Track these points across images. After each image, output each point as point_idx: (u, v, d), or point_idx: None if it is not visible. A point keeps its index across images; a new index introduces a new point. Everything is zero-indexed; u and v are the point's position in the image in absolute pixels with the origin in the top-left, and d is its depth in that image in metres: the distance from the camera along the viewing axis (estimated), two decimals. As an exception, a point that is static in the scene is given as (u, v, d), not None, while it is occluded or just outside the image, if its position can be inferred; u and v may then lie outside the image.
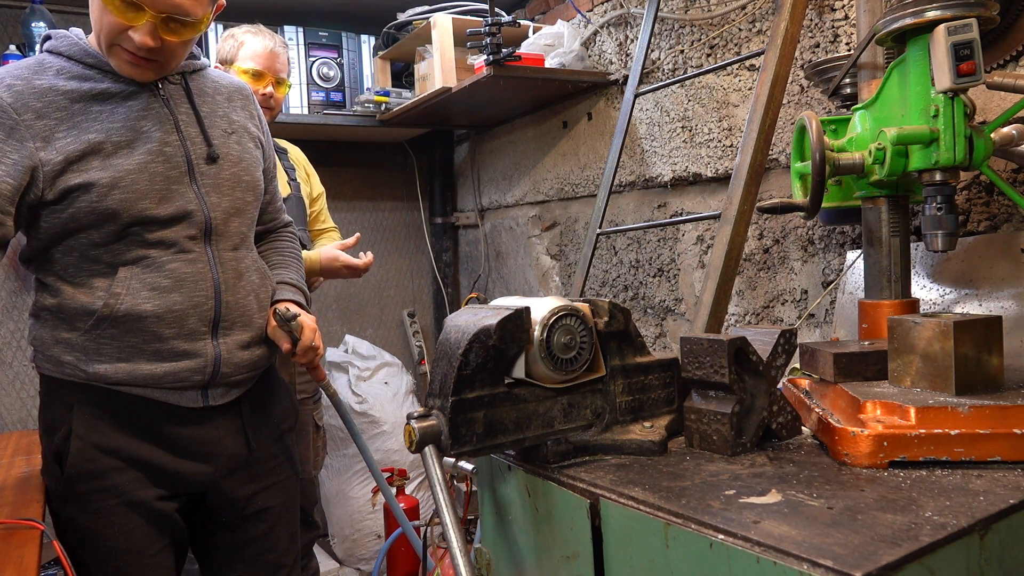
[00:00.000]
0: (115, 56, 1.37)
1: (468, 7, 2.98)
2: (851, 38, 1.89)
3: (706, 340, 1.10)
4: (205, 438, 1.47)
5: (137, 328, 1.37)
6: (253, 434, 1.54)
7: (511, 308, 1.04)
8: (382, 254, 3.84)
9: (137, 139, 1.38)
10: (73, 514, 1.39)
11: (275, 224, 1.73)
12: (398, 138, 3.71)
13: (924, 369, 1.08)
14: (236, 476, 1.53)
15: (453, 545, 0.96)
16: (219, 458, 1.49)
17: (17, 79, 1.34)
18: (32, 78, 1.35)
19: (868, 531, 0.78)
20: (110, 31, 1.33)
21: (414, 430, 1.00)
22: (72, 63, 1.39)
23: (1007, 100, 1.54)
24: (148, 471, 1.42)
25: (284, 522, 1.62)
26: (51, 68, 1.38)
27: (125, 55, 1.36)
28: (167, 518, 1.46)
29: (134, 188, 1.36)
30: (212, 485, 1.51)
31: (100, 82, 1.39)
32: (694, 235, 2.43)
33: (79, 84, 1.37)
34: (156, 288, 1.38)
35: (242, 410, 1.52)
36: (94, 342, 1.37)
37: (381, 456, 3.13)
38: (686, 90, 2.39)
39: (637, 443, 1.12)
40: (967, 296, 1.53)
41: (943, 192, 1.24)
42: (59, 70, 1.37)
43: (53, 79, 1.36)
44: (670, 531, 0.86)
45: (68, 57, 1.39)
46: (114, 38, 1.34)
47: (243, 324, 1.49)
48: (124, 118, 1.38)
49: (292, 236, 1.76)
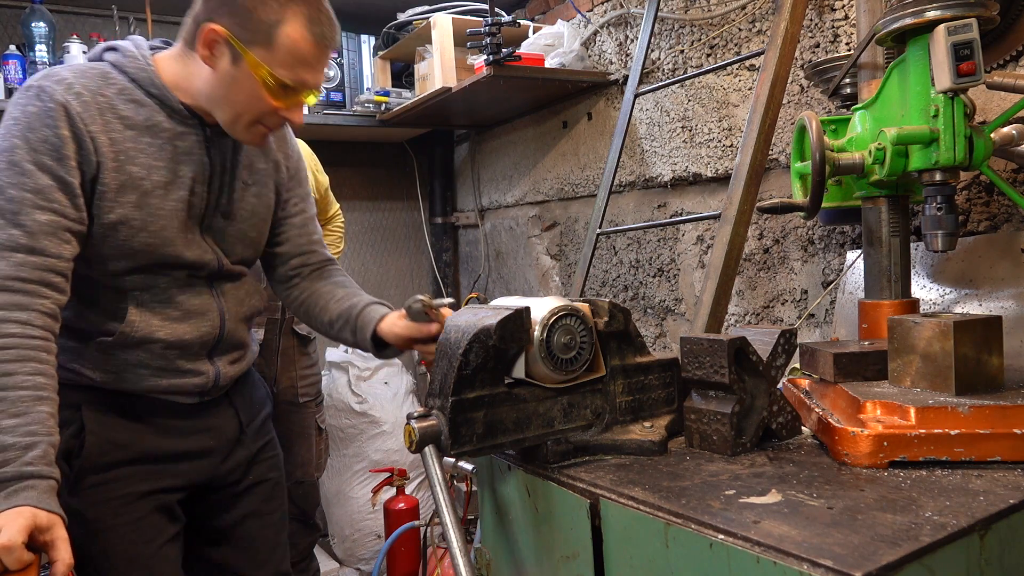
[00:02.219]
0: (251, 131, 1.36)
1: (468, 7, 2.98)
2: (851, 38, 1.89)
3: (706, 340, 1.10)
4: (205, 426, 1.51)
5: (146, 348, 1.40)
6: (244, 417, 1.59)
7: (511, 308, 1.04)
8: (382, 254, 3.84)
9: (173, 182, 1.36)
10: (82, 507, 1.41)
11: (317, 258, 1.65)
12: (398, 138, 3.71)
13: (924, 369, 1.08)
14: (233, 457, 1.57)
15: (453, 545, 0.96)
16: (218, 442, 1.53)
17: (85, 89, 1.28)
18: (98, 91, 1.30)
19: (868, 531, 0.78)
20: (262, 114, 1.32)
21: (414, 430, 1.00)
22: (135, 86, 1.34)
23: (1007, 100, 1.54)
24: (155, 463, 1.45)
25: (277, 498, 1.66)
26: (115, 85, 1.33)
27: (262, 130, 1.36)
28: (172, 510, 1.49)
29: (162, 234, 1.35)
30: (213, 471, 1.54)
31: (156, 114, 1.35)
32: (694, 235, 2.43)
33: (136, 111, 1.33)
34: (168, 318, 1.41)
35: (232, 399, 1.57)
36: (103, 353, 1.39)
37: (381, 456, 3.13)
38: (686, 90, 2.39)
39: (637, 443, 1.12)
40: (967, 296, 1.53)
41: (943, 192, 1.24)
42: (121, 89, 1.33)
43: (115, 98, 1.31)
44: (670, 531, 0.86)
45: (133, 79, 1.34)
46: (259, 117, 1.33)
47: (236, 345, 1.54)
48: (168, 159, 1.35)
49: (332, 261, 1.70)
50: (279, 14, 1.26)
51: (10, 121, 1.25)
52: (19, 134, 1.23)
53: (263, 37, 1.26)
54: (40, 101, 1.25)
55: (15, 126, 1.24)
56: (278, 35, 1.26)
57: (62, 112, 1.24)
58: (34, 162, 1.23)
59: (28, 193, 1.22)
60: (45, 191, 1.23)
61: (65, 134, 1.24)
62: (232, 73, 1.29)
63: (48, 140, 1.24)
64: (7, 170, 1.22)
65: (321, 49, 1.31)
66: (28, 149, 1.23)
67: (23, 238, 1.21)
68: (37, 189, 1.22)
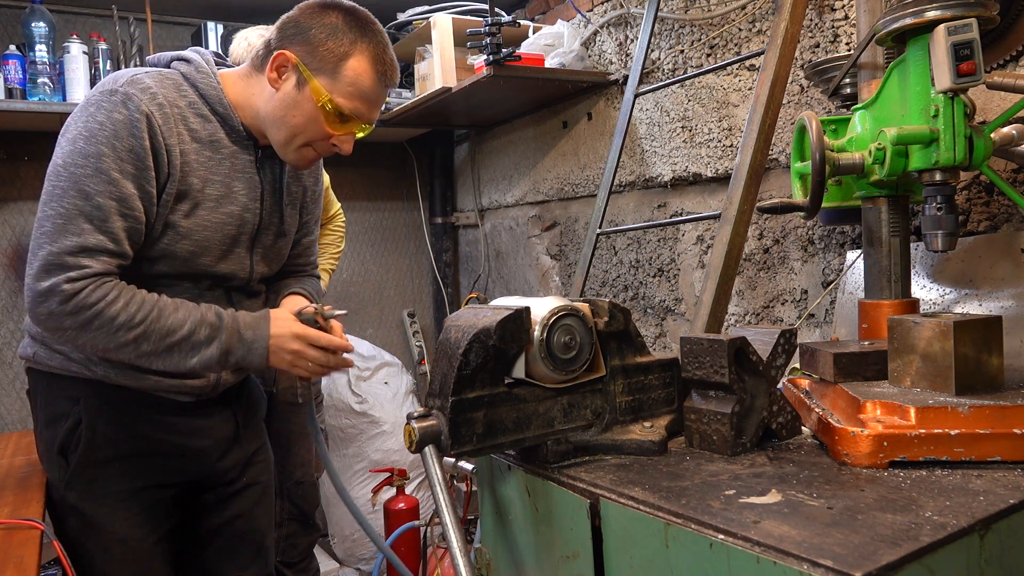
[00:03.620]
0: (299, 153, 1.42)
1: (468, 7, 2.99)
2: (851, 38, 1.89)
3: (706, 340, 1.10)
4: (202, 425, 1.52)
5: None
6: (241, 418, 1.61)
7: (511, 308, 1.04)
8: (382, 254, 3.84)
9: (226, 196, 1.42)
10: (78, 502, 1.42)
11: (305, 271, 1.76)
12: (398, 138, 3.71)
13: (924, 369, 1.08)
14: (228, 457, 1.59)
15: (453, 545, 0.96)
16: (214, 441, 1.55)
17: (166, 100, 1.34)
18: (174, 102, 1.36)
19: (868, 531, 0.78)
20: (313, 137, 1.39)
21: (414, 430, 1.00)
22: (203, 101, 1.41)
23: (1007, 100, 1.54)
24: (150, 459, 1.47)
25: (265, 502, 1.69)
26: (186, 97, 1.39)
27: (312, 154, 1.43)
28: (166, 506, 1.50)
29: (203, 245, 1.40)
30: (208, 469, 1.55)
31: (218, 131, 1.41)
32: (694, 235, 2.43)
33: (203, 125, 1.39)
34: None
35: (230, 400, 1.59)
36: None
37: (381, 456, 3.13)
38: (686, 90, 2.39)
39: (637, 443, 1.12)
40: (967, 296, 1.53)
41: (943, 192, 1.24)
42: (191, 103, 1.39)
43: (186, 110, 1.38)
44: (670, 531, 0.86)
45: (202, 94, 1.40)
46: (311, 141, 1.40)
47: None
48: (224, 174, 1.42)
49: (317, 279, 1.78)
50: (348, 48, 1.35)
51: (95, 125, 1.28)
52: (106, 141, 1.28)
53: (330, 67, 1.35)
54: (127, 109, 1.29)
55: (101, 131, 1.28)
56: (344, 67, 1.35)
57: (146, 123, 1.30)
58: (120, 171, 1.28)
59: (113, 201, 1.27)
60: (128, 200, 1.29)
61: (147, 145, 1.30)
62: (295, 96, 1.36)
63: (134, 150, 1.29)
64: (94, 176, 1.27)
65: (381, 87, 1.40)
66: (115, 158, 1.28)
67: (110, 243, 1.28)
68: (121, 197, 1.28)
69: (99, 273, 1.27)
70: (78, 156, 1.27)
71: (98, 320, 1.25)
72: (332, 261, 2.71)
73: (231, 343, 1.35)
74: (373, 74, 1.37)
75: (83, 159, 1.26)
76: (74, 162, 1.27)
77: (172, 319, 1.31)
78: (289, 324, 1.42)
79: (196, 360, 1.33)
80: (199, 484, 1.57)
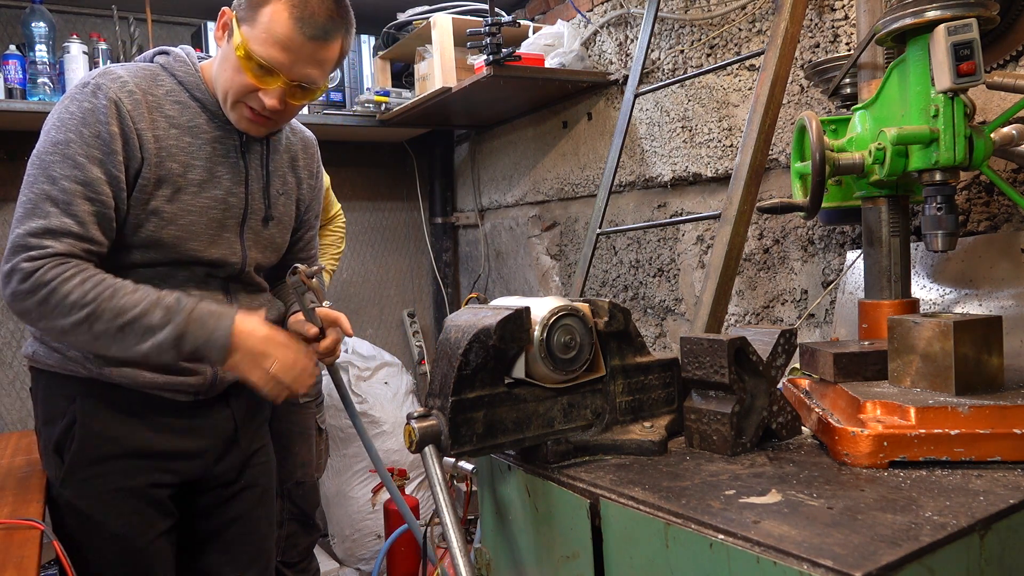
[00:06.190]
0: (236, 111, 1.41)
1: (468, 7, 2.98)
2: (851, 38, 1.89)
3: (706, 340, 1.10)
4: (199, 425, 1.52)
5: None
6: (240, 419, 1.59)
7: (511, 308, 1.04)
8: (382, 254, 3.84)
9: (208, 181, 1.43)
10: (73, 500, 1.42)
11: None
12: (398, 138, 3.71)
13: (924, 369, 1.08)
14: (226, 459, 1.58)
15: (453, 545, 0.96)
16: (212, 442, 1.54)
17: (138, 88, 1.36)
18: (148, 91, 1.37)
19: (868, 531, 0.78)
20: (240, 91, 1.37)
21: (414, 430, 1.00)
22: (181, 88, 1.42)
23: (1007, 100, 1.54)
24: (147, 459, 1.46)
25: (265, 506, 1.68)
26: (163, 86, 1.41)
27: (247, 112, 1.40)
28: (163, 505, 1.50)
29: (190, 229, 1.41)
30: (206, 470, 1.55)
31: (198, 117, 1.42)
32: (694, 235, 2.43)
33: (181, 111, 1.41)
34: None
35: (229, 400, 1.58)
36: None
37: (381, 456, 3.13)
38: (686, 90, 2.39)
39: (637, 443, 1.12)
40: (967, 296, 1.53)
41: (943, 192, 1.24)
42: (169, 91, 1.41)
43: (163, 98, 1.39)
44: (670, 531, 0.86)
45: (180, 82, 1.42)
46: (242, 97, 1.38)
47: None
48: (205, 158, 1.42)
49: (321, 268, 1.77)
50: None
51: (67, 115, 1.32)
52: (74, 128, 1.31)
53: (251, 15, 1.33)
54: (95, 98, 1.32)
55: (71, 120, 1.31)
56: (260, 12, 1.32)
57: (114, 109, 1.32)
58: (86, 156, 1.30)
59: (79, 185, 1.29)
60: (94, 184, 1.30)
61: (115, 130, 1.31)
62: (227, 50, 1.37)
63: (100, 135, 1.31)
64: (61, 162, 1.30)
65: (302, 36, 1.32)
66: (81, 143, 1.30)
67: (75, 226, 1.29)
68: (87, 181, 1.30)
69: (60, 253, 1.27)
70: (49, 145, 1.31)
71: (53, 298, 1.25)
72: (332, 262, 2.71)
73: (187, 327, 1.29)
74: (289, 19, 1.30)
75: (52, 147, 1.30)
76: (45, 151, 1.31)
77: (127, 299, 1.28)
78: (258, 322, 1.37)
79: (148, 345, 1.28)
80: (197, 484, 1.56)
